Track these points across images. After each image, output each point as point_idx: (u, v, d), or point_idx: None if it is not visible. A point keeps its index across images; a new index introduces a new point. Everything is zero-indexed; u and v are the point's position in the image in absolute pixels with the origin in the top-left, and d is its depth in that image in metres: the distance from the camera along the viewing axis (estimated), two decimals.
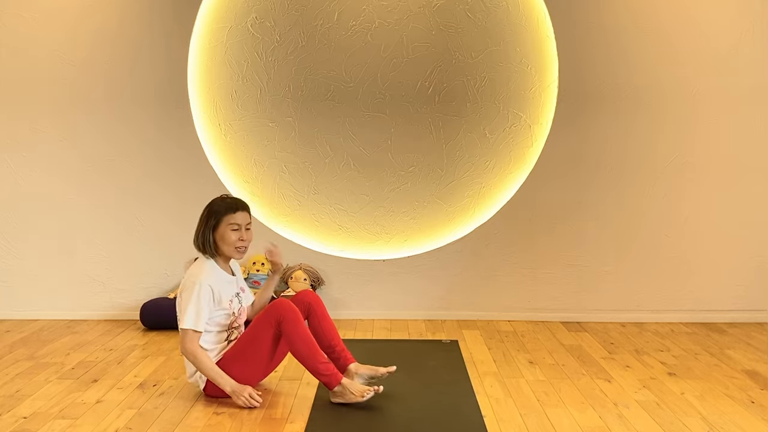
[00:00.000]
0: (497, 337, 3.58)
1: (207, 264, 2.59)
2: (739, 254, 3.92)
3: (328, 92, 3.89)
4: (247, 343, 2.55)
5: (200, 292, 2.48)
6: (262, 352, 2.53)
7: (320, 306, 2.68)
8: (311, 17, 3.84)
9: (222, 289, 2.58)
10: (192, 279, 2.51)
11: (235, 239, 2.56)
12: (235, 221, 2.56)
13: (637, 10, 3.83)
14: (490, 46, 3.85)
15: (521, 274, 3.96)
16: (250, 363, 2.55)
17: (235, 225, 2.56)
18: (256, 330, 2.53)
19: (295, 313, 2.47)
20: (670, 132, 3.88)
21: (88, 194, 3.93)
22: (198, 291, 2.48)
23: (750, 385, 2.81)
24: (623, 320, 3.92)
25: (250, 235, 2.63)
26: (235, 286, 2.68)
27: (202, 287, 2.49)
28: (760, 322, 3.91)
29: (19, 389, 2.73)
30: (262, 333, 2.51)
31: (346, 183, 3.95)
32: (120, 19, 3.85)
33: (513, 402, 2.60)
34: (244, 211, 2.61)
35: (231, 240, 2.56)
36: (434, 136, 3.91)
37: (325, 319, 2.66)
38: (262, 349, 2.53)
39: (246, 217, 2.62)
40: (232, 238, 2.56)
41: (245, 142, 3.93)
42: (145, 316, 3.70)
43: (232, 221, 2.56)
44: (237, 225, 2.57)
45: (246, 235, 2.60)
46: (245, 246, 2.60)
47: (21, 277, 3.95)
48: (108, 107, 3.89)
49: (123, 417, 2.43)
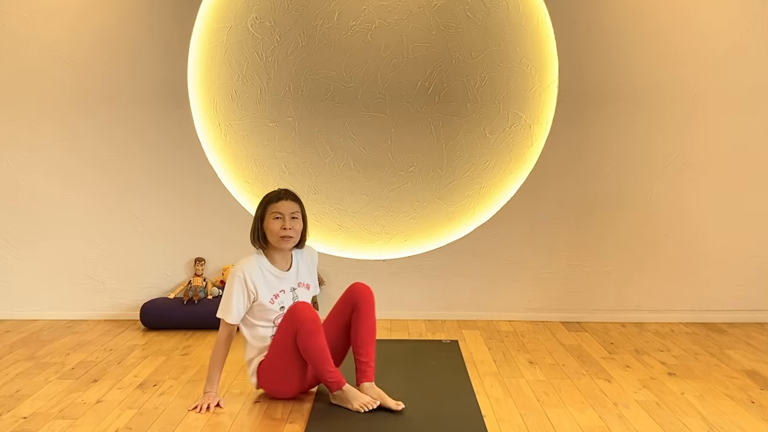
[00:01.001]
0: (497, 337, 3.58)
1: (253, 257, 2.57)
2: (739, 254, 3.92)
3: (328, 92, 3.89)
4: (275, 352, 2.50)
5: (234, 284, 2.49)
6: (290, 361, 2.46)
7: (365, 307, 2.54)
8: (311, 17, 3.85)
9: (264, 283, 2.53)
10: (233, 270, 2.52)
11: (278, 228, 2.51)
12: (278, 210, 2.52)
13: (636, 10, 3.83)
14: (490, 46, 3.85)
15: (521, 274, 3.96)
16: (281, 373, 2.50)
17: (278, 213, 2.52)
18: (279, 337, 2.48)
19: (313, 323, 2.38)
20: (670, 132, 3.88)
21: (88, 194, 3.93)
22: (232, 282, 2.50)
23: (750, 385, 2.81)
24: (623, 320, 3.92)
25: (298, 225, 2.56)
26: (289, 281, 2.60)
27: (237, 279, 2.49)
28: (760, 322, 3.91)
29: (19, 389, 2.73)
30: (285, 341, 2.45)
31: (346, 183, 3.95)
32: (120, 19, 3.85)
33: (513, 402, 2.60)
34: (288, 200, 2.56)
35: (274, 229, 2.51)
36: (434, 136, 3.91)
37: (363, 326, 2.52)
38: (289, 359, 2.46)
39: (291, 206, 2.55)
40: (276, 227, 2.51)
41: (245, 142, 3.93)
42: (145, 316, 3.70)
43: (275, 210, 2.52)
44: (280, 214, 2.52)
45: (290, 224, 2.52)
46: (289, 236, 2.53)
47: (21, 277, 3.96)
48: (108, 107, 3.89)
49: (123, 417, 2.43)
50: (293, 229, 2.54)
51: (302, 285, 2.65)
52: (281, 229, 2.51)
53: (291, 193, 2.60)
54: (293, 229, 2.54)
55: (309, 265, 2.70)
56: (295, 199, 2.59)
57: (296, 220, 2.56)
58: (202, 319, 3.68)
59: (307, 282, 2.67)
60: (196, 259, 3.90)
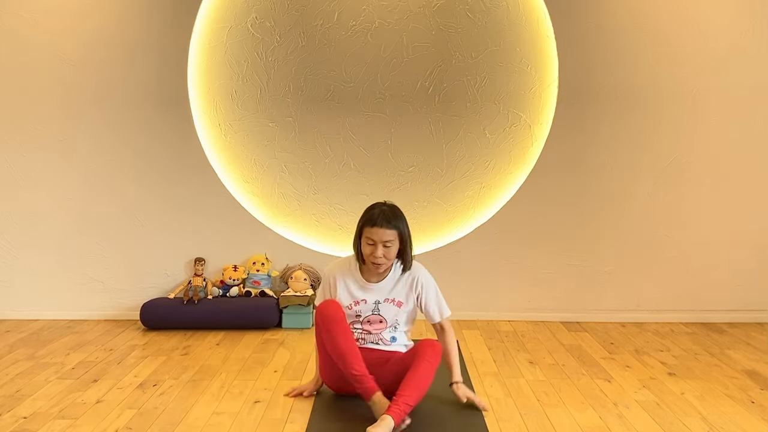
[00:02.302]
0: (497, 337, 3.58)
1: (345, 259, 2.64)
2: (739, 254, 3.92)
3: (328, 92, 3.89)
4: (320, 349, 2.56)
5: (324, 279, 2.64)
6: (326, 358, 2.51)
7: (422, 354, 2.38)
8: (311, 17, 3.85)
9: (344, 287, 2.57)
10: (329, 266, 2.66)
11: (368, 253, 2.46)
12: (371, 236, 2.44)
13: (636, 10, 3.83)
14: (490, 46, 3.85)
15: (521, 274, 3.96)
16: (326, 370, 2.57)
17: (371, 240, 2.45)
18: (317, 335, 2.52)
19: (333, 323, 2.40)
20: (670, 132, 3.88)
21: (88, 194, 3.93)
22: (324, 277, 2.64)
23: (750, 385, 2.81)
24: (623, 320, 3.92)
25: (390, 254, 2.45)
26: (375, 293, 2.55)
27: (327, 275, 2.63)
28: (760, 322, 3.91)
29: (19, 389, 2.73)
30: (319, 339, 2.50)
31: (346, 183, 3.95)
32: (119, 19, 3.85)
33: (513, 402, 2.60)
34: (383, 227, 2.42)
35: (366, 253, 2.48)
36: (434, 136, 3.91)
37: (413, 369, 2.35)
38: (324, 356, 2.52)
39: (384, 234, 2.42)
40: (367, 252, 2.47)
41: (245, 142, 3.93)
42: (145, 316, 3.70)
43: (368, 234, 2.46)
44: (372, 241, 2.44)
45: (381, 252, 2.43)
46: (378, 264, 2.46)
47: (21, 277, 3.95)
48: (107, 107, 3.89)
49: (123, 417, 2.43)
50: (384, 257, 2.45)
51: (390, 301, 2.56)
52: (371, 255, 2.46)
53: (388, 217, 2.45)
54: (384, 257, 2.45)
55: (411, 287, 2.57)
56: (392, 225, 2.44)
57: (389, 248, 2.45)
58: (202, 319, 3.68)
59: (399, 300, 2.56)
60: (196, 259, 3.90)
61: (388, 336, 2.59)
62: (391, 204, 2.55)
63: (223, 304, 3.74)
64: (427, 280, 2.60)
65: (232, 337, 3.56)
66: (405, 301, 2.58)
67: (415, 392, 2.30)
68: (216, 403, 2.58)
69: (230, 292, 3.87)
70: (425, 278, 2.59)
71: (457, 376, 2.56)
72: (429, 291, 2.58)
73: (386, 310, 2.57)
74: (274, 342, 3.47)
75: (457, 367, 2.58)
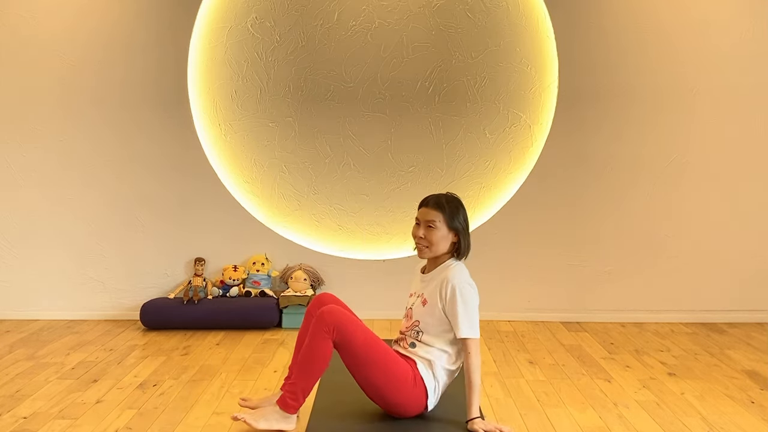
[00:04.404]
0: (497, 337, 3.58)
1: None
2: (739, 254, 3.92)
3: (328, 92, 3.89)
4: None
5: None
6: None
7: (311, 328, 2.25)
8: (311, 17, 3.85)
9: (412, 282, 2.48)
10: None
11: (413, 233, 2.36)
12: (418, 216, 2.36)
13: (637, 10, 3.83)
14: (490, 46, 3.85)
15: (521, 274, 3.96)
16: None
17: (417, 219, 2.36)
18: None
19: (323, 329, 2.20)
20: (670, 131, 3.88)
21: (88, 194, 3.93)
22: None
23: (750, 385, 2.81)
24: (623, 320, 3.92)
25: (432, 235, 2.29)
26: (420, 285, 2.39)
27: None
28: (760, 322, 3.91)
29: (19, 389, 2.73)
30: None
31: (346, 183, 3.95)
32: (119, 18, 3.85)
33: (513, 402, 2.60)
34: (428, 207, 2.32)
35: (412, 234, 2.37)
36: (434, 136, 3.91)
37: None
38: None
39: (428, 213, 2.31)
40: (413, 232, 2.37)
41: (245, 142, 3.93)
42: (145, 316, 3.70)
43: (417, 215, 2.37)
44: (417, 219, 2.36)
45: (422, 232, 2.31)
46: (420, 245, 2.33)
47: (21, 277, 3.95)
48: (106, 107, 3.89)
49: (123, 417, 2.43)
50: (425, 239, 2.30)
51: (418, 295, 2.38)
52: (414, 236, 2.35)
53: (439, 200, 2.33)
54: (426, 238, 2.30)
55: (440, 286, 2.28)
56: (439, 207, 2.31)
57: (432, 230, 2.29)
58: (202, 319, 3.68)
59: (426, 297, 2.33)
60: (196, 259, 3.90)
61: (410, 339, 2.36)
62: (454, 194, 2.40)
63: (223, 304, 3.74)
64: (459, 283, 2.25)
65: (232, 337, 3.56)
66: (430, 300, 2.31)
67: (300, 377, 2.20)
68: (216, 403, 2.58)
69: (230, 292, 3.87)
70: (457, 281, 2.26)
71: (473, 411, 2.23)
72: (454, 296, 2.24)
73: (417, 306, 2.36)
74: (274, 342, 3.47)
75: (474, 400, 2.23)
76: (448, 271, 2.30)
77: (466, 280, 2.29)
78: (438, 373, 2.29)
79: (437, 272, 2.33)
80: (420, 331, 2.32)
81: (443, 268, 2.33)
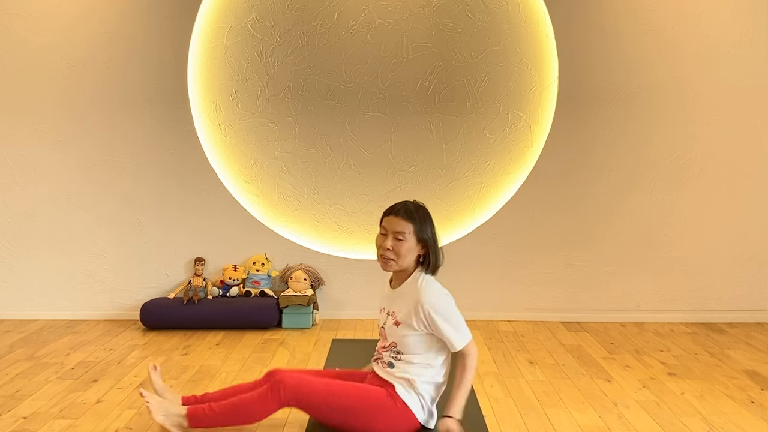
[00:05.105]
0: (497, 337, 3.58)
1: None
2: (739, 254, 3.92)
3: (328, 92, 3.89)
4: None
5: None
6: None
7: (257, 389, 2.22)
8: (311, 17, 3.85)
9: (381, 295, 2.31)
10: None
11: (378, 245, 2.17)
12: (384, 225, 2.17)
13: (637, 10, 3.83)
14: (490, 46, 3.85)
15: (521, 274, 3.96)
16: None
17: (383, 230, 2.17)
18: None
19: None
20: (670, 131, 3.88)
21: (88, 194, 3.93)
22: None
23: (750, 385, 2.81)
24: (623, 320, 3.92)
25: (400, 247, 2.11)
26: (389, 301, 2.23)
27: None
28: (760, 322, 3.91)
29: (19, 389, 2.73)
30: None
31: (346, 183, 3.95)
32: (119, 18, 3.85)
33: (513, 402, 2.60)
34: (398, 216, 2.13)
35: (377, 245, 2.18)
36: (434, 136, 3.91)
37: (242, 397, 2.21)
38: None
39: (398, 224, 2.12)
40: (377, 243, 2.18)
41: (245, 142, 3.93)
42: (145, 316, 3.70)
43: (383, 224, 2.18)
44: (384, 230, 2.16)
45: (390, 244, 2.12)
46: (386, 256, 2.13)
47: (21, 277, 3.95)
48: (106, 107, 3.89)
49: (123, 417, 2.43)
50: (393, 251, 2.12)
51: (389, 312, 2.21)
52: (381, 247, 2.15)
53: (408, 209, 2.16)
54: (393, 250, 2.12)
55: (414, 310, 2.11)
56: (409, 217, 2.14)
57: (400, 242, 2.11)
58: (202, 319, 3.68)
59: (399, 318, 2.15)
60: (196, 259, 3.90)
61: (388, 358, 2.20)
62: (421, 203, 2.23)
63: (223, 304, 3.74)
64: (433, 304, 2.10)
65: (232, 337, 3.56)
66: (404, 321, 2.14)
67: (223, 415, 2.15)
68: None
69: (230, 292, 3.87)
70: (429, 301, 2.10)
71: (452, 410, 2.07)
72: (432, 318, 2.10)
73: (390, 327, 2.19)
74: (274, 342, 3.47)
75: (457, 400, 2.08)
76: (419, 290, 2.13)
77: (437, 294, 2.15)
78: (421, 389, 2.14)
79: (406, 288, 2.18)
80: (399, 352, 2.17)
81: (411, 282, 2.17)
